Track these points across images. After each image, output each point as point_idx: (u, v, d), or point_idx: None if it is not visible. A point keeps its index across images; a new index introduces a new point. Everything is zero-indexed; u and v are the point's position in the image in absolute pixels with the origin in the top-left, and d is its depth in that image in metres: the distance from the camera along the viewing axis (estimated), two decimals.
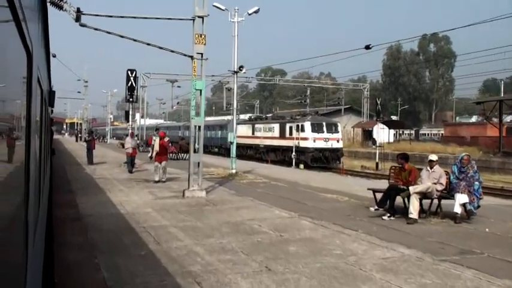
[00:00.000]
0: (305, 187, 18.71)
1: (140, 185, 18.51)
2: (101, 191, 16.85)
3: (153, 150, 19.68)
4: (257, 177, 21.78)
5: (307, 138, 41.76)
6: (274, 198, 15.02)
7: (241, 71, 22.48)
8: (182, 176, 21.70)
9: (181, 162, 30.23)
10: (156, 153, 19.21)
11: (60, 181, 20.03)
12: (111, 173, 23.32)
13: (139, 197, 15.28)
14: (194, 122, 15.31)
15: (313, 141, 41.76)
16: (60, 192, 16.45)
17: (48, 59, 7.72)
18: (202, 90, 15.32)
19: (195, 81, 15.08)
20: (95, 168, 26.21)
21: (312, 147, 41.22)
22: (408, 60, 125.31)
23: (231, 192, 16.51)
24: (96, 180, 20.12)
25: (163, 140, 19.38)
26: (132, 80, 26.64)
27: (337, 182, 22.11)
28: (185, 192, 15.03)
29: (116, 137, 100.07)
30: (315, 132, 41.79)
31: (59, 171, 24.05)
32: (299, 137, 42.02)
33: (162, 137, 19.57)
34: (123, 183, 19.18)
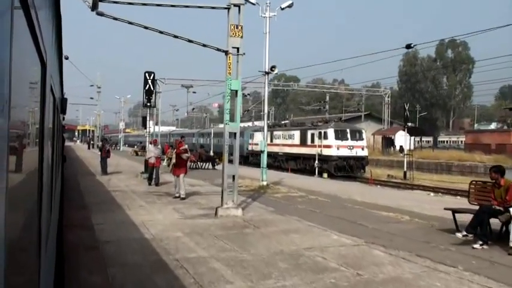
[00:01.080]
0: (350, 202, 16.43)
1: (162, 199, 16.30)
2: (119, 207, 14.69)
3: (172, 163, 17.18)
4: (291, 190, 19.51)
5: (331, 145, 39.70)
6: (323, 218, 12.76)
7: (273, 72, 20.25)
8: (206, 188, 19.57)
9: (201, 172, 28.06)
10: (173, 164, 16.86)
11: (72, 193, 17.92)
12: (128, 185, 21.16)
13: (163, 215, 13.08)
14: (229, 128, 13.11)
15: (336, 148, 39.71)
16: (72, 208, 14.34)
17: (61, 67, 7.69)
18: (238, 91, 13.11)
19: (230, 81, 12.89)
20: (110, 178, 24.08)
21: (336, 155, 39.16)
22: (425, 67, 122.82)
23: (269, 210, 14.26)
24: (112, 193, 17.96)
25: (177, 148, 17.00)
26: (150, 83, 24.50)
27: (378, 194, 19.79)
28: (218, 210, 12.81)
29: (128, 144, 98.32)
30: (338, 140, 39.74)
31: (70, 181, 21.95)
32: (322, 145, 39.95)
33: (178, 145, 17.20)
34: (143, 197, 17.00)
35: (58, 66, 6.18)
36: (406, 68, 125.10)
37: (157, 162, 20.61)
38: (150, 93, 24.97)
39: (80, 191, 18.89)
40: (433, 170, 52.88)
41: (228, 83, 12.88)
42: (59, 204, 9.09)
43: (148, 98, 25.16)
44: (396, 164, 57.21)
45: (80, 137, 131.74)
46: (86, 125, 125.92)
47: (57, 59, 5.40)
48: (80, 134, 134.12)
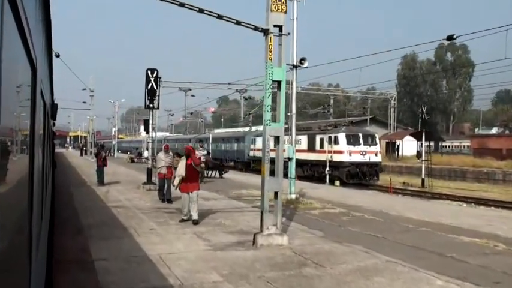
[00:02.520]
0: (405, 221, 13.46)
1: (176, 219, 13.22)
2: (124, 230, 11.62)
3: (177, 175, 12.87)
4: (325, 205, 16.47)
5: (342, 151, 36.94)
6: (396, 248, 9.77)
7: (302, 65, 17.24)
8: (223, 203, 16.55)
9: (209, 182, 24.91)
10: (181, 179, 12.75)
11: (65, 211, 14.83)
12: (130, 199, 18.04)
13: (184, 244, 10.03)
14: (270, 130, 10.07)
15: (348, 154, 36.98)
16: (65, 232, 11.33)
17: (51, 71, 7.61)
18: (283, 82, 10.09)
19: (271, 69, 9.87)
20: (108, 190, 20.95)
21: (348, 161, 36.42)
22: (425, 70, 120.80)
23: (317, 234, 11.23)
24: (113, 211, 14.86)
25: (192, 157, 12.90)
26: (153, 82, 21.35)
27: (422, 208, 16.80)
28: (257, 237, 9.79)
29: (121, 150, 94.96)
30: (350, 145, 37.02)
31: (63, 195, 18.82)
32: (332, 150, 37.13)
33: (186, 152, 13.17)
34: (152, 216, 13.92)
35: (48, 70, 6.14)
36: (404, 72, 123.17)
37: (170, 173, 16.73)
38: (153, 93, 21.83)
39: (74, 207, 15.76)
40: (446, 176, 50.14)
41: (268, 71, 9.86)
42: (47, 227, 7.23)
43: (151, 98, 22.02)
44: (405, 170, 54.75)
45: (72, 143, 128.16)
46: (77, 131, 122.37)
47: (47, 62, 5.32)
48: (72, 140, 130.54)
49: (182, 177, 12.59)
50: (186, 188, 12.76)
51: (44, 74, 3.95)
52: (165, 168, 16.97)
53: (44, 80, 3.77)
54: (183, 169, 12.66)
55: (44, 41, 4.10)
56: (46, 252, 5.89)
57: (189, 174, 12.71)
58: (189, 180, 12.69)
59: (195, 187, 12.84)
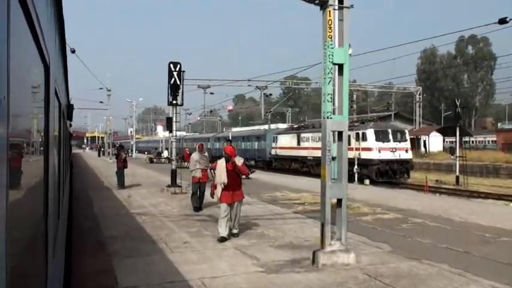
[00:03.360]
0: (476, 228, 11.57)
1: (211, 229, 11.51)
2: (153, 244, 9.93)
3: (218, 183, 10.52)
4: (374, 209, 14.61)
5: (371, 148, 35.13)
6: (489, 266, 7.97)
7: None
8: (260, 208, 14.80)
9: None
10: (223, 186, 10.43)
11: (84, 220, 13.25)
12: (155, 204, 16.38)
13: (229, 264, 8.30)
14: (332, 124, 8.29)
15: (378, 151, 35.16)
16: (85, 247, 9.71)
17: (66, 73, 7.63)
18: (345, 66, 8.30)
19: (332, 49, 8.09)
20: (129, 194, 19.32)
21: (377, 158, 34.60)
22: (445, 64, 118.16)
23: (384, 249, 9.41)
24: (138, 219, 13.21)
25: (232, 160, 10.49)
26: (176, 76, 19.67)
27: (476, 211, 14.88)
28: (318, 255, 8.00)
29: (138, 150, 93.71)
30: (379, 141, 35.18)
31: (81, 200, 17.25)
32: (360, 147, 35.29)
33: (229, 154, 10.60)
34: (182, 224, 12.24)
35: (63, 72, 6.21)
36: (424, 66, 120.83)
37: (205, 177, 14.80)
38: (176, 88, 20.14)
39: (93, 215, 14.14)
40: (477, 173, 47.90)
41: (327, 52, 8.07)
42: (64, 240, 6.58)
43: (174, 94, 20.32)
44: (433, 167, 52.80)
45: (89, 144, 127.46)
46: (94, 132, 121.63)
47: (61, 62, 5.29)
48: (89, 141, 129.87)
49: (224, 184, 10.44)
50: (227, 198, 10.44)
51: (58, 73, 3.85)
52: (200, 171, 14.88)
53: (58, 79, 3.72)
54: (224, 175, 10.42)
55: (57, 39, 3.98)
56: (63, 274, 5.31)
57: (232, 180, 10.45)
58: (232, 188, 10.48)
59: (239, 196, 10.68)
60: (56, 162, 3.88)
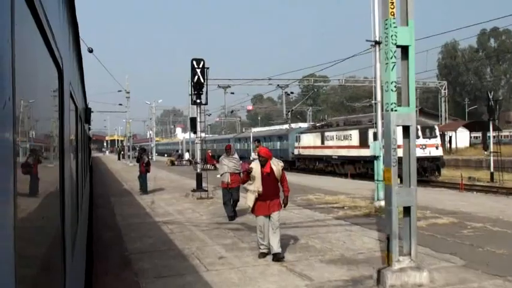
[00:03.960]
0: None
1: (246, 240, 10.31)
2: (185, 261, 8.72)
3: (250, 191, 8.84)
4: (424, 212, 13.10)
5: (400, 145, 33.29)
6: None
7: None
8: (296, 214, 13.48)
9: None
10: (257, 195, 8.71)
11: (106, 230, 12.11)
12: (181, 211, 15.19)
13: (278, 286, 7.05)
14: (397, 118, 6.98)
15: None
16: (106, 265, 8.54)
17: (82, 75, 7.39)
18: (411, 48, 6.97)
19: (395, 28, 6.77)
20: (153, 200, 18.16)
21: None
22: (467, 58, 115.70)
23: (456, 262, 8.06)
24: (165, 229, 12.02)
25: (268, 164, 8.78)
26: (199, 74, 18.45)
27: None
28: (385, 274, 6.67)
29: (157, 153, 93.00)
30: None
31: (102, 208, 16.15)
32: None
33: (265, 156, 8.84)
34: (214, 235, 11.01)
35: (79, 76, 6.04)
36: (446, 61, 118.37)
37: (235, 181, 12.99)
38: (200, 86, 18.94)
39: (116, 224, 13.00)
40: (509, 168, 46.05)
41: (389, 32, 6.76)
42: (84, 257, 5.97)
43: (198, 93, 19.13)
44: (462, 163, 51.21)
45: (109, 147, 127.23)
46: (114, 135, 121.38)
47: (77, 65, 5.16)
48: (109, 144, 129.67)
49: (259, 193, 8.67)
50: (263, 209, 8.71)
51: (73, 76, 3.82)
52: (228, 175, 13.19)
53: (73, 81, 3.67)
54: (259, 181, 8.68)
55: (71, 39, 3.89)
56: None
57: (268, 187, 8.68)
58: (268, 197, 8.68)
59: (276, 206, 8.77)
60: (74, 168, 3.74)
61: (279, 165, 8.90)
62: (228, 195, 13.22)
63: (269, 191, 8.70)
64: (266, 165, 8.80)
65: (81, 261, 4.96)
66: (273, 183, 8.80)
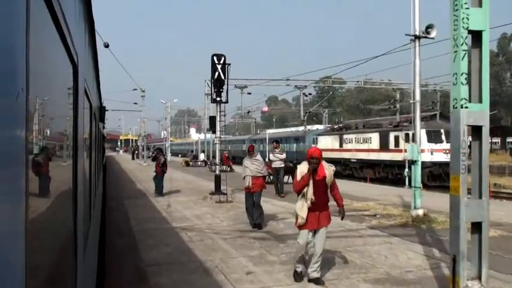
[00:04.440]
0: None
1: (274, 251, 9.26)
2: (209, 276, 7.70)
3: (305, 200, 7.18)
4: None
5: (423, 150, 32.10)
6: None
7: (428, 35, 12.77)
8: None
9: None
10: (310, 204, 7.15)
11: (119, 236, 11.13)
12: (199, 215, 14.16)
13: None
14: (468, 116, 5.85)
15: (430, 153, 32.64)
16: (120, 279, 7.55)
17: (97, 72, 7.23)
18: (485, 34, 5.86)
19: (466, 10, 5.66)
20: (169, 203, 17.15)
21: (429, 161, 32.06)
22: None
23: None
24: (183, 236, 10.99)
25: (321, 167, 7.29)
26: (220, 70, 17.43)
27: None
28: None
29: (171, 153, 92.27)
30: (431, 142, 32.73)
31: (115, 211, 15.19)
32: None
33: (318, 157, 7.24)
34: (238, 245, 9.96)
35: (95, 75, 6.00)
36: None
37: (257, 185, 11.95)
38: (221, 83, 17.93)
39: (130, 230, 12.01)
40: None
41: (460, 15, 5.67)
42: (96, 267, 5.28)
43: (218, 90, 18.11)
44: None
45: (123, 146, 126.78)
46: (128, 134, 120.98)
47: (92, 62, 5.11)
48: (123, 143, 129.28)
49: (312, 202, 7.13)
50: (312, 222, 7.20)
51: (88, 73, 3.74)
52: (250, 178, 11.99)
53: (88, 79, 3.53)
54: (310, 188, 7.13)
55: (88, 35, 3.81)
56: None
57: (319, 195, 7.18)
58: (318, 207, 7.17)
59: (326, 219, 7.35)
60: (87, 167, 3.67)
61: (330, 169, 7.49)
62: (251, 200, 12.13)
63: (320, 200, 7.21)
64: (319, 169, 7.29)
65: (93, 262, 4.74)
66: (324, 191, 7.36)
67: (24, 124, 1.06)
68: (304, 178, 7.13)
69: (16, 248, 1.00)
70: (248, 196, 12.20)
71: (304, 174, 7.18)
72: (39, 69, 1.27)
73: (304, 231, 7.26)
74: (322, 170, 7.31)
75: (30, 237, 1.09)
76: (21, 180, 1.03)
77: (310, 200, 7.13)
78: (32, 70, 1.11)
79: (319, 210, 7.23)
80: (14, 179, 0.99)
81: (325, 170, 7.35)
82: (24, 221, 1.04)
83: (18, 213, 1.01)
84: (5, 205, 0.95)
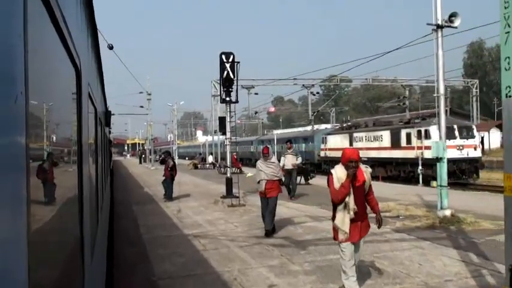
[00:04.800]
0: None
1: (298, 260, 8.52)
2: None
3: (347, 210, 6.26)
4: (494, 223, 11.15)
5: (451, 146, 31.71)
6: None
7: (452, 24, 11.97)
8: None
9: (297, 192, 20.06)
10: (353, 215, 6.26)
11: (128, 245, 10.47)
12: (212, 221, 13.48)
13: None
14: None
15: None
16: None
17: (102, 78, 7.24)
18: None
19: None
20: (179, 208, 16.49)
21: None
22: (494, 57, 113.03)
23: None
24: (196, 244, 10.31)
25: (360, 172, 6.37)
26: (229, 69, 16.73)
27: None
28: None
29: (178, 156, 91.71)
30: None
31: (124, 218, 14.55)
32: (422, 146, 32.07)
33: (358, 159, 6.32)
34: (255, 253, 9.26)
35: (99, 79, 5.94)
36: (471, 61, 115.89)
37: (273, 189, 11.07)
38: (230, 83, 17.25)
39: (140, 238, 11.34)
40: None
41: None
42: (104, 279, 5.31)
43: (227, 90, 17.43)
44: (497, 165, 49.14)
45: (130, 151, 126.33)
46: (135, 138, 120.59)
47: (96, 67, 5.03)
48: (130, 147, 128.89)
49: (354, 212, 6.25)
50: (355, 234, 6.33)
51: (91, 77, 3.70)
52: (265, 183, 11.07)
53: (92, 83, 3.52)
54: (352, 198, 6.24)
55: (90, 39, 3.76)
56: None
57: (360, 204, 6.36)
58: (359, 217, 6.32)
59: (366, 228, 6.59)
60: (93, 172, 3.58)
61: (368, 172, 6.56)
62: (266, 206, 11.22)
63: (361, 209, 6.38)
64: (358, 173, 6.32)
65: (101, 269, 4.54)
66: (364, 198, 6.48)
67: (24, 128, 1.04)
68: (345, 186, 6.15)
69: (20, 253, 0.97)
70: (264, 201, 11.31)
71: (344, 182, 6.16)
72: (39, 73, 1.25)
73: (347, 245, 6.31)
74: (361, 174, 6.36)
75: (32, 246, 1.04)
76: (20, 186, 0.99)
77: (353, 210, 6.21)
78: (32, 73, 1.09)
79: (360, 220, 6.35)
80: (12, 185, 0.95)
81: (364, 174, 6.41)
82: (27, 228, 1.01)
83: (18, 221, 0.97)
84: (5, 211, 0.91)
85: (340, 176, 6.25)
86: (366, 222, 6.50)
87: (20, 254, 0.98)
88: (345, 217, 6.22)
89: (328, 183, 6.40)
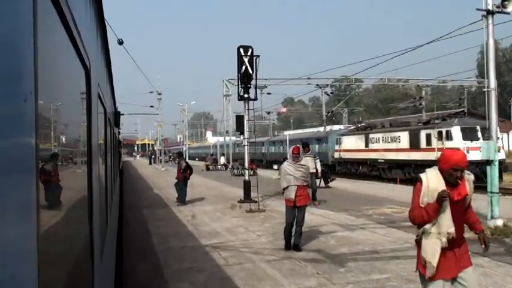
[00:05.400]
0: None
1: (340, 280, 7.27)
2: None
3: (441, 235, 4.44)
4: None
5: (458, 148, 30.00)
6: None
7: (505, 9, 10.62)
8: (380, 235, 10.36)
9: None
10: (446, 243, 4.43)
11: (139, 258, 9.25)
12: (231, 229, 12.23)
13: None
14: None
15: (466, 151, 30.11)
16: None
17: (111, 78, 7.22)
18: None
19: None
20: (193, 213, 15.25)
21: None
22: (508, 57, 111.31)
23: None
24: (216, 258, 9.06)
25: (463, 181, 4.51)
26: (247, 64, 15.50)
27: None
28: None
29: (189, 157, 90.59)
30: (467, 140, 30.73)
31: (134, 224, 13.36)
32: (444, 148, 30.63)
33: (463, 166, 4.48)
34: (286, 270, 8.01)
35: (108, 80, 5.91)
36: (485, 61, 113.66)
37: (303, 197, 9.50)
38: (248, 78, 16.00)
39: (152, 249, 10.09)
40: None
41: None
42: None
43: (245, 86, 16.18)
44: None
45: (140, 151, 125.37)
46: (144, 139, 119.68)
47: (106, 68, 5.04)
48: (140, 148, 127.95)
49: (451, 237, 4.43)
50: (448, 267, 4.48)
51: (101, 77, 3.68)
52: (295, 189, 9.38)
53: (101, 83, 3.48)
54: (448, 215, 4.46)
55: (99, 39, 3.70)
56: None
57: (459, 225, 4.54)
58: (456, 243, 4.51)
59: (466, 258, 4.61)
60: (102, 173, 3.48)
61: (471, 180, 4.65)
62: (292, 217, 9.55)
63: (459, 233, 4.55)
64: (460, 183, 4.55)
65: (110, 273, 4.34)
66: (462, 217, 4.66)
67: (34, 128, 1.03)
68: (431, 210, 4.41)
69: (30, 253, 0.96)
70: (291, 211, 9.56)
71: (432, 204, 4.40)
72: (49, 73, 1.24)
73: (438, 282, 4.47)
74: (463, 186, 4.55)
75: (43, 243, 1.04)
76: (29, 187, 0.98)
77: (449, 235, 4.44)
78: (41, 73, 1.07)
79: (457, 246, 4.53)
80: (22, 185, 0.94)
81: (466, 184, 4.58)
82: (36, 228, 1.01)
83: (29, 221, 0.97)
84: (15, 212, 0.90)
85: (433, 187, 4.45)
86: (464, 250, 4.61)
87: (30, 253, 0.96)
88: (435, 245, 4.43)
89: (413, 191, 4.64)
